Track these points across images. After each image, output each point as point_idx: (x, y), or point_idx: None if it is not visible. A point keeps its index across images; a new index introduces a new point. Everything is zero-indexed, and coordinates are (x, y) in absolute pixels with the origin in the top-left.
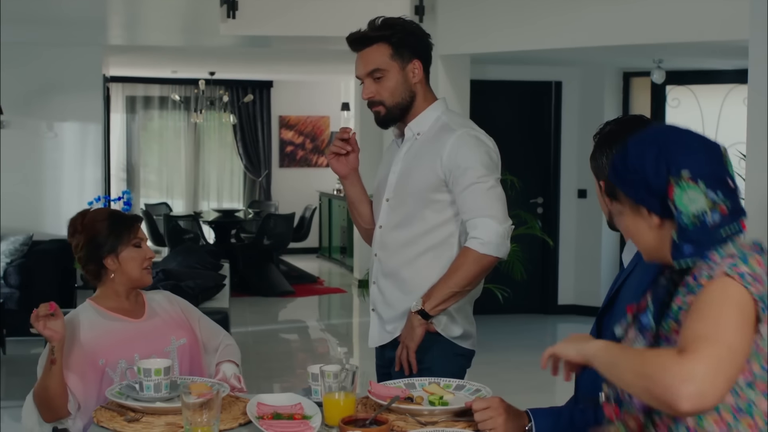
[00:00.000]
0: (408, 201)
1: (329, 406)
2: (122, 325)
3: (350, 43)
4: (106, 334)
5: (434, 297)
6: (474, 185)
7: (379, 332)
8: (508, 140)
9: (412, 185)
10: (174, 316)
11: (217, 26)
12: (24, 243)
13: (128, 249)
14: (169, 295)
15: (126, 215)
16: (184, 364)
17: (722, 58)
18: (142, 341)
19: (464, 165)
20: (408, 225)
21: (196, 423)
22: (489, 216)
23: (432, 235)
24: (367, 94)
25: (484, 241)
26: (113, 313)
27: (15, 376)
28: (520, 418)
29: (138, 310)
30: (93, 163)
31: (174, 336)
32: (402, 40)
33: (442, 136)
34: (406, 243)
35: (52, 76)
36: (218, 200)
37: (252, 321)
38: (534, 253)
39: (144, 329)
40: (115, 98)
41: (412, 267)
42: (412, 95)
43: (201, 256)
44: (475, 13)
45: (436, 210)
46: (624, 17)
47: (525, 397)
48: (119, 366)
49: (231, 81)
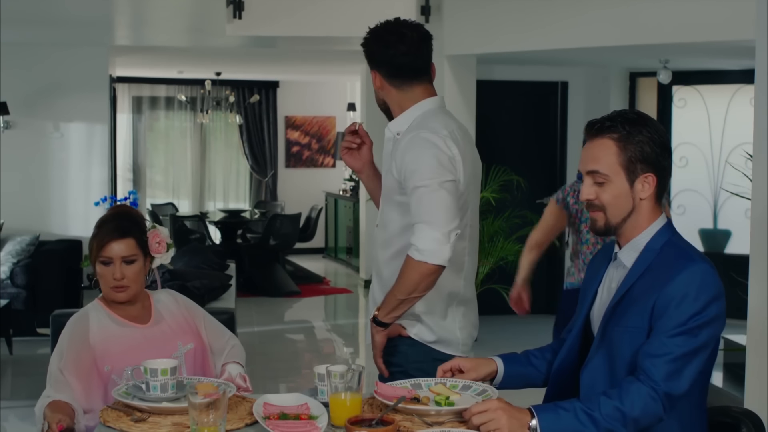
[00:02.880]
0: (383, 201)
1: (335, 407)
2: (130, 331)
3: None
4: (114, 341)
5: (385, 304)
6: (417, 189)
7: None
8: (514, 140)
9: (384, 186)
10: (180, 319)
11: (223, 27)
12: (30, 243)
13: (98, 264)
14: (175, 295)
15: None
16: (191, 369)
17: (729, 58)
18: (149, 349)
19: (411, 168)
20: (384, 225)
21: (202, 423)
22: (425, 222)
23: (403, 237)
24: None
25: (419, 248)
26: (121, 318)
27: (22, 376)
28: (523, 415)
29: (144, 315)
30: (99, 163)
31: (181, 341)
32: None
33: (404, 136)
34: (384, 243)
35: (59, 77)
36: (224, 200)
37: (258, 321)
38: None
39: (151, 336)
40: (122, 98)
41: (390, 267)
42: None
43: (207, 256)
44: (481, 13)
45: (401, 212)
46: (630, 17)
47: (530, 396)
48: (125, 374)
49: (237, 81)
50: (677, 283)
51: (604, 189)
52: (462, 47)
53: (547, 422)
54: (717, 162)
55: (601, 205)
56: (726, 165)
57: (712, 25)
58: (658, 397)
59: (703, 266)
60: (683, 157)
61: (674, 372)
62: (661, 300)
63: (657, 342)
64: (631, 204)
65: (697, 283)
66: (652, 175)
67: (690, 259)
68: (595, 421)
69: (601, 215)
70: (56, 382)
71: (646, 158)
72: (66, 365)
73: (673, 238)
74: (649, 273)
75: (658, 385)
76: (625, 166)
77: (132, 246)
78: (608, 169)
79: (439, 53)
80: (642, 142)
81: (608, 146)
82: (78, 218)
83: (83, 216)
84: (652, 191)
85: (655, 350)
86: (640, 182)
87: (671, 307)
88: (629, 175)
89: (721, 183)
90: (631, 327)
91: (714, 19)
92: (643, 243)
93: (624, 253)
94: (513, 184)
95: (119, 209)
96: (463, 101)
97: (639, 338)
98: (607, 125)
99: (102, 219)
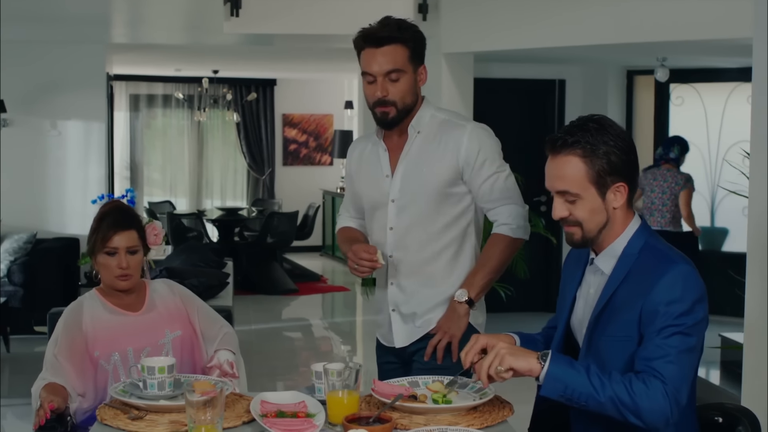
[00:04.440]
0: (421, 199)
1: (333, 404)
2: (120, 319)
3: (369, 39)
4: (103, 328)
5: (475, 285)
6: (495, 175)
7: (408, 330)
8: (511, 138)
9: (427, 183)
10: (172, 308)
11: (221, 24)
12: (27, 241)
13: (102, 255)
14: (172, 285)
15: (119, 219)
16: (178, 356)
17: (726, 56)
18: (136, 335)
19: (483, 157)
20: (426, 222)
21: (199, 421)
22: (514, 202)
23: (452, 228)
24: (383, 93)
25: (514, 227)
26: (114, 306)
27: (18, 374)
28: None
29: (137, 303)
30: (96, 161)
31: (168, 329)
32: (417, 45)
33: (450, 131)
34: (427, 240)
35: (56, 75)
36: (222, 198)
37: (255, 319)
38: (538, 251)
39: (139, 323)
40: (119, 96)
41: (437, 261)
42: (417, 99)
43: (204, 254)
44: (479, 11)
45: (452, 203)
46: (627, 15)
47: (529, 394)
48: (112, 358)
49: (234, 79)
50: (661, 288)
51: (576, 206)
52: (459, 45)
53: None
54: (714, 160)
55: (576, 221)
56: (723, 163)
57: (710, 23)
58: (668, 396)
59: (685, 268)
60: None
61: (676, 371)
62: (647, 306)
63: (651, 345)
64: (605, 216)
65: (681, 286)
66: (623, 184)
67: (671, 261)
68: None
69: (577, 230)
70: (51, 367)
71: (615, 169)
72: (60, 351)
73: (650, 240)
74: (631, 279)
75: (666, 384)
76: (595, 180)
77: (134, 237)
78: (578, 187)
79: (436, 51)
80: (608, 153)
81: (574, 163)
82: (75, 216)
83: (80, 214)
84: (624, 199)
85: (651, 353)
86: (611, 193)
87: (659, 313)
88: (600, 189)
89: (719, 181)
90: (620, 336)
91: (711, 17)
92: (620, 249)
93: (601, 259)
94: None
95: (115, 204)
96: (460, 99)
97: (630, 347)
98: (569, 141)
99: (102, 213)
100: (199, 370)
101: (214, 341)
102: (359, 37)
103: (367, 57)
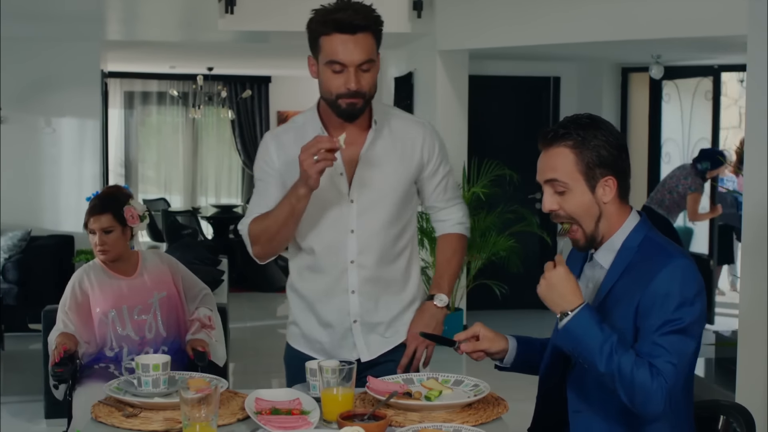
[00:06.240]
0: (387, 199)
1: (327, 402)
2: (116, 281)
3: (342, 26)
4: (103, 288)
5: (446, 287)
6: (448, 175)
7: (377, 342)
8: (506, 135)
9: (392, 182)
10: (159, 273)
11: (216, 21)
12: (22, 239)
13: (88, 234)
14: (161, 255)
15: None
16: (163, 312)
17: (720, 53)
18: (129, 296)
19: (441, 156)
20: (389, 225)
21: (194, 418)
22: (461, 201)
23: (408, 230)
24: (357, 85)
25: (467, 226)
26: (111, 271)
27: (13, 372)
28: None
29: (130, 269)
30: (91, 158)
31: (156, 291)
32: (380, 32)
33: (408, 129)
34: (391, 243)
35: (50, 72)
36: (216, 196)
37: (250, 316)
38: (532, 248)
39: (132, 285)
40: (113, 94)
41: (396, 266)
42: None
43: (199, 251)
44: (473, 8)
45: (410, 205)
46: (622, 13)
47: (528, 392)
48: (110, 314)
49: (229, 76)
50: (659, 281)
51: (565, 199)
52: (454, 42)
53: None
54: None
55: (567, 216)
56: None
57: (704, 20)
58: (665, 395)
59: (683, 261)
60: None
61: (673, 371)
62: (645, 299)
63: (648, 342)
64: (597, 210)
65: (679, 280)
66: (612, 177)
67: (669, 255)
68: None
69: (578, 231)
70: (62, 321)
71: (604, 162)
72: (70, 308)
73: (650, 234)
74: (630, 272)
75: (667, 383)
76: (584, 172)
77: (109, 219)
78: (567, 176)
79: (431, 48)
80: (598, 146)
81: (565, 154)
82: (70, 214)
83: (75, 211)
84: (614, 194)
85: (647, 351)
86: (601, 187)
87: (656, 306)
88: (589, 181)
89: None
90: (618, 328)
91: (706, 14)
92: (618, 243)
93: (600, 254)
94: (505, 178)
95: (105, 190)
96: (455, 96)
97: (628, 339)
98: (561, 133)
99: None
100: (183, 324)
101: (195, 300)
102: (323, 21)
103: (337, 44)
